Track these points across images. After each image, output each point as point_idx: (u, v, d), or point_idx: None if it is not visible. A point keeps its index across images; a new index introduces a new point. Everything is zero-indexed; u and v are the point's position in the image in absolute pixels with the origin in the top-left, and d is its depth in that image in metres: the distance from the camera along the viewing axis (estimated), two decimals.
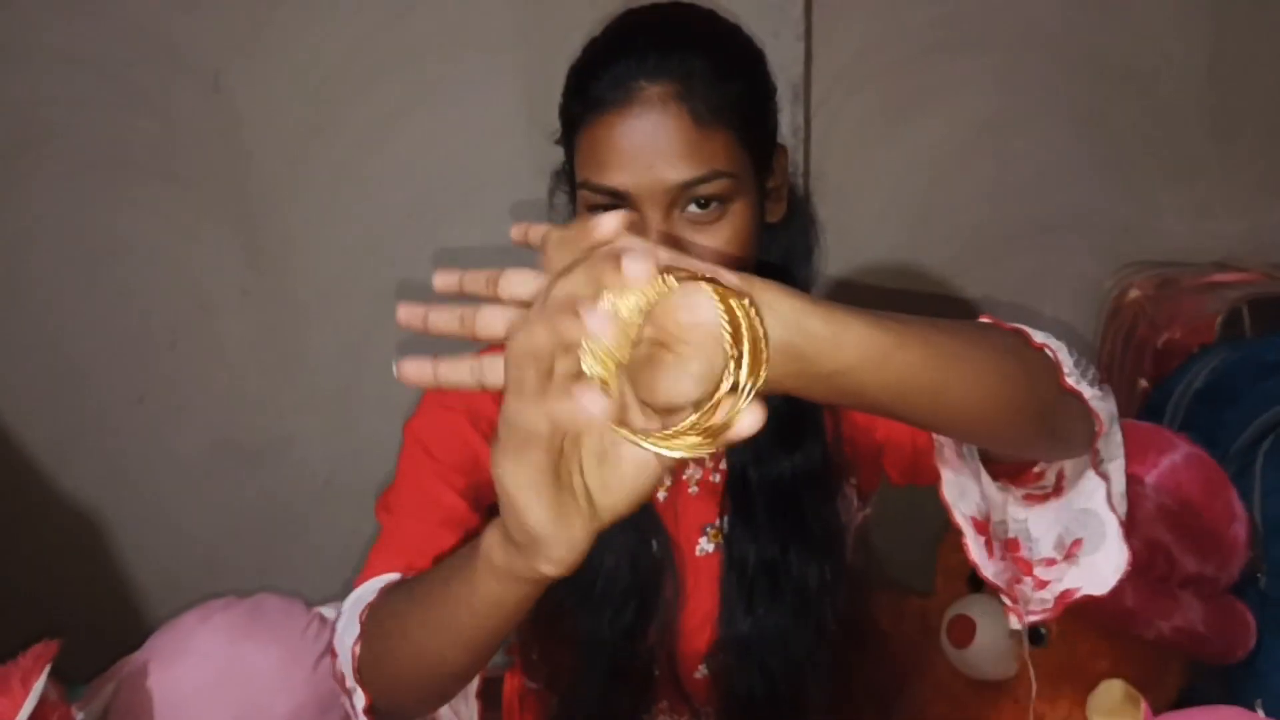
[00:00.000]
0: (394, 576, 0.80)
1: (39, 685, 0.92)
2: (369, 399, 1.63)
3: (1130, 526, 1.07)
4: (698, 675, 0.95)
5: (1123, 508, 0.82)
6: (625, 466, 0.52)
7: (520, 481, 0.52)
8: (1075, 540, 0.83)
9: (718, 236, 0.80)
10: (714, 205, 0.79)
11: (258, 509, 1.68)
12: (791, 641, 0.91)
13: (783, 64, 1.53)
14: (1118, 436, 0.81)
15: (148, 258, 1.58)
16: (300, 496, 1.68)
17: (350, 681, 0.75)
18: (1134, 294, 1.62)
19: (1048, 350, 0.72)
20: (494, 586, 0.59)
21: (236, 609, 1.10)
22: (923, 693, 1.30)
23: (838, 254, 1.54)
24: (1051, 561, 0.82)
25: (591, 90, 0.80)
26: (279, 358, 1.63)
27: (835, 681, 0.95)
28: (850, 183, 1.63)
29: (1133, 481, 1.13)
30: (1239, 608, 1.17)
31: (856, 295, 1.66)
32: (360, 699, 0.73)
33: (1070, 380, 0.72)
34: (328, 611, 1.12)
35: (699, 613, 0.93)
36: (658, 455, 0.50)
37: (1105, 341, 1.66)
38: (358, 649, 0.74)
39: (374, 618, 0.74)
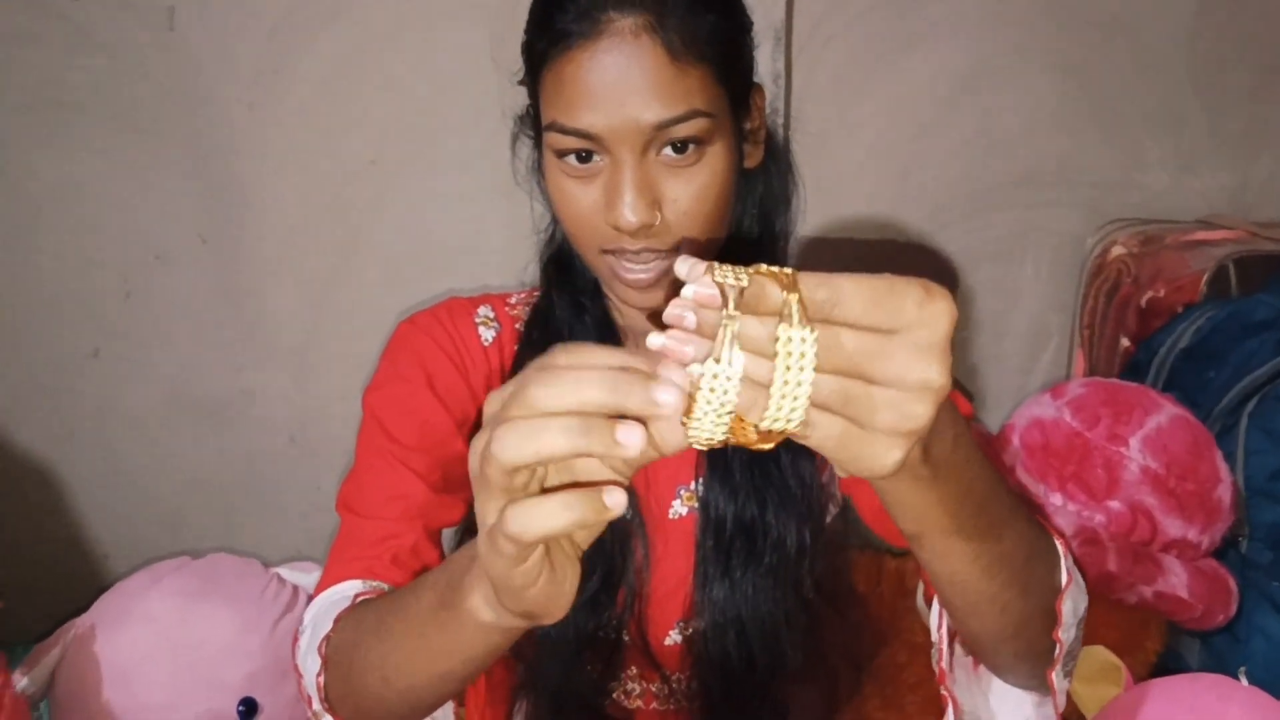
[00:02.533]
0: (353, 587, 0.78)
1: None
2: (331, 352, 1.58)
3: (1115, 487, 1.05)
4: (668, 642, 0.92)
5: None
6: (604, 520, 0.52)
7: (518, 581, 0.52)
8: None
9: (695, 180, 0.76)
10: (691, 147, 0.75)
11: (218, 466, 1.63)
12: (769, 605, 0.88)
13: (764, 6, 1.47)
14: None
15: (98, 204, 1.52)
16: (262, 453, 1.63)
17: (317, 706, 0.73)
18: (1117, 251, 1.59)
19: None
20: (483, 637, 0.59)
21: (189, 570, 1.06)
22: (899, 653, 1.27)
23: (817, 203, 1.50)
24: None
25: (557, 22, 0.74)
26: (238, 310, 1.57)
27: (811, 645, 0.92)
28: (831, 131, 1.58)
29: (1116, 442, 1.11)
30: (1221, 573, 1.15)
31: (835, 248, 1.62)
32: None
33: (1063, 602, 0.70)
34: (286, 572, 1.08)
35: (671, 577, 0.90)
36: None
37: (1088, 299, 1.63)
38: (322, 680, 0.71)
39: (339, 652, 0.71)
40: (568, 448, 0.46)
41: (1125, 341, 1.47)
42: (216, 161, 1.49)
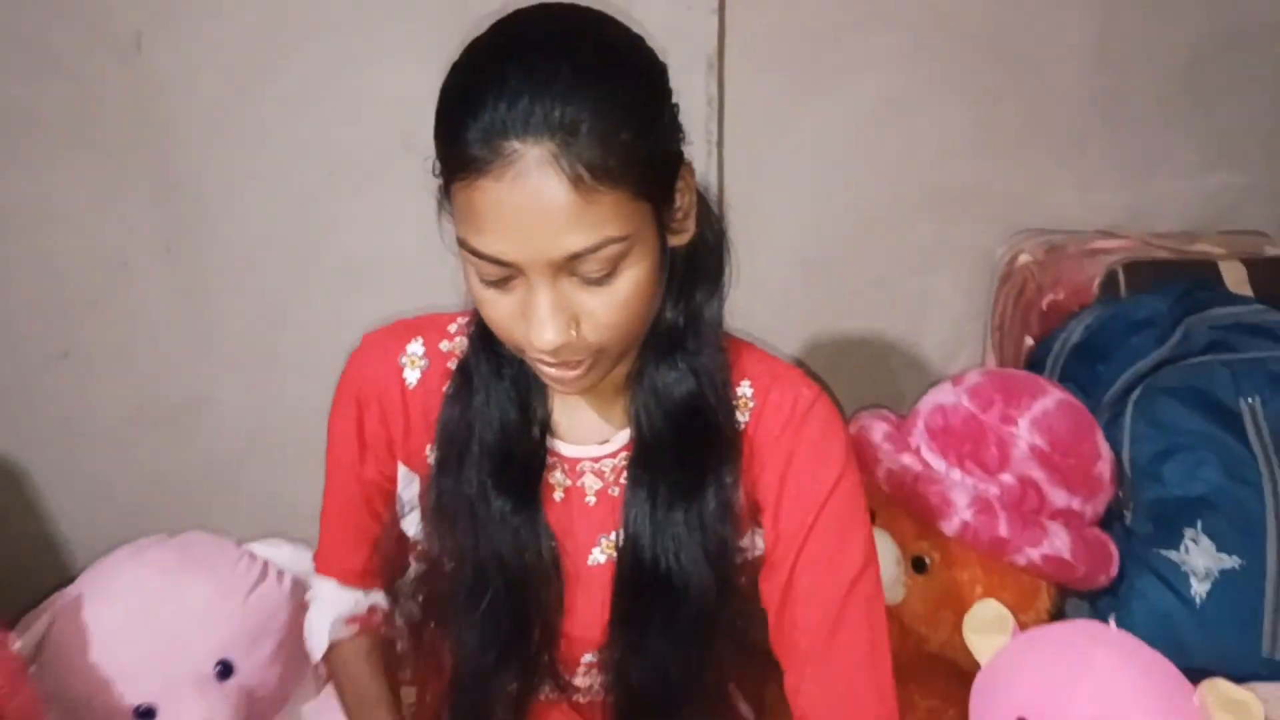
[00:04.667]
0: (342, 601, 1.02)
1: None
2: (290, 360, 1.67)
3: (1006, 463, 1.18)
4: (580, 672, 0.97)
5: None
6: None
7: None
8: None
9: (613, 296, 0.74)
10: (603, 264, 0.73)
11: (181, 467, 1.70)
12: (678, 646, 0.91)
13: (697, 37, 1.59)
14: None
15: (65, 221, 1.59)
16: (224, 455, 1.71)
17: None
18: (1023, 259, 1.73)
19: None
20: None
21: (167, 545, 1.14)
22: None
23: (747, 223, 1.63)
24: None
25: (462, 140, 0.71)
26: (200, 319, 1.65)
27: (715, 682, 0.97)
28: (761, 154, 1.70)
29: (1008, 423, 1.24)
30: (1102, 538, 1.28)
31: (769, 259, 1.74)
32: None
33: None
34: (257, 548, 1.17)
35: (588, 617, 0.93)
36: None
37: (998, 303, 1.77)
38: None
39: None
40: None
41: (1029, 340, 1.60)
42: (180, 176, 1.57)
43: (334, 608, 1.03)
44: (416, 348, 0.93)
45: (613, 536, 0.91)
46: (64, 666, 1.06)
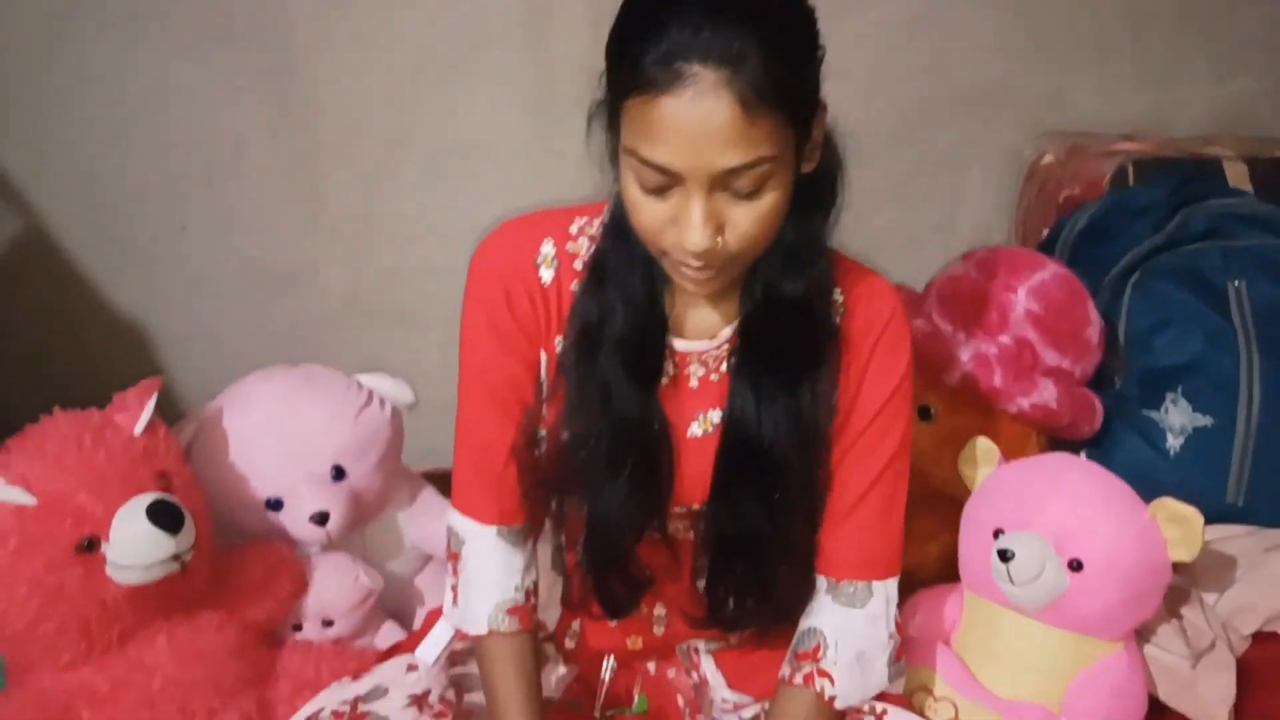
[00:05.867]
0: (488, 531, 1.06)
1: (152, 401, 1.19)
2: (384, 231, 1.88)
3: (1004, 325, 1.35)
4: (682, 530, 1.08)
5: None
6: None
7: None
8: None
9: (756, 211, 0.85)
10: (755, 184, 0.83)
11: (287, 326, 1.93)
12: (765, 507, 1.02)
13: None
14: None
15: (185, 104, 1.80)
16: (324, 319, 1.94)
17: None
18: (1048, 159, 1.87)
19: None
20: None
21: (291, 372, 1.37)
22: None
23: None
24: None
25: (640, 62, 0.80)
26: (304, 194, 1.87)
27: (799, 550, 1.07)
28: None
29: (1008, 290, 1.41)
30: (1088, 394, 1.45)
31: None
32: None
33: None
34: (364, 378, 1.39)
35: (695, 483, 1.04)
36: None
37: (1022, 200, 1.92)
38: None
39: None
40: None
41: (1045, 231, 1.76)
42: (290, 64, 1.77)
43: (496, 585, 1.05)
44: (548, 248, 1.02)
45: (710, 414, 1.03)
46: (209, 463, 1.30)
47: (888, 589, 1.06)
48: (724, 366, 1.03)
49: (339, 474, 1.32)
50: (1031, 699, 1.11)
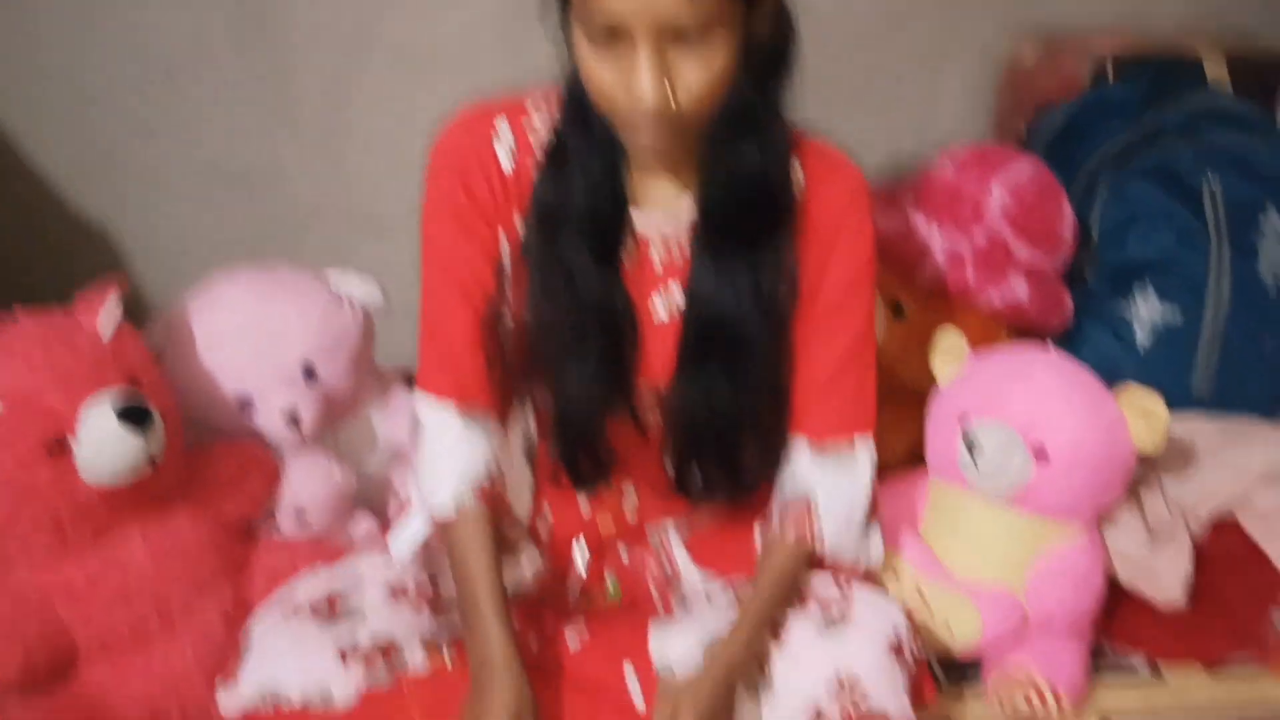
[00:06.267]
0: (452, 411, 1.06)
1: (115, 298, 1.18)
2: (352, 134, 1.85)
3: (979, 220, 1.35)
4: (651, 406, 1.10)
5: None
6: None
7: None
8: None
9: (705, 62, 0.87)
10: (704, 35, 0.85)
11: (252, 229, 1.90)
12: (729, 385, 1.05)
13: None
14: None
15: (146, 1, 1.75)
16: (292, 223, 1.91)
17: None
18: (1026, 55, 1.85)
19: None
20: None
21: (258, 272, 1.36)
22: None
23: None
24: None
25: None
26: (269, 94, 1.82)
27: (756, 423, 1.09)
28: None
29: (983, 184, 1.40)
30: (1059, 290, 1.46)
31: None
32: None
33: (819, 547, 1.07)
34: (332, 277, 1.37)
35: (660, 366, 1.07)
36: None
37: (1000, 99, 1.90)
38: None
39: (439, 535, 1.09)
40: None
41: (1022, 126, 1.75)
42: None
43: (461, 465, 1.05)
44: (504, 128, 1.04)
45: (674, 295, 1.06)
46: (179, 363, 1.29)
47: (869, 446, 1.09)
48: (686, 249, 1.05)
49: (309, 373, 1.31)
50: (995, 581, 1.13)
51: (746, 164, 0.99)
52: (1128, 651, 1.18)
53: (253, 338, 1.29)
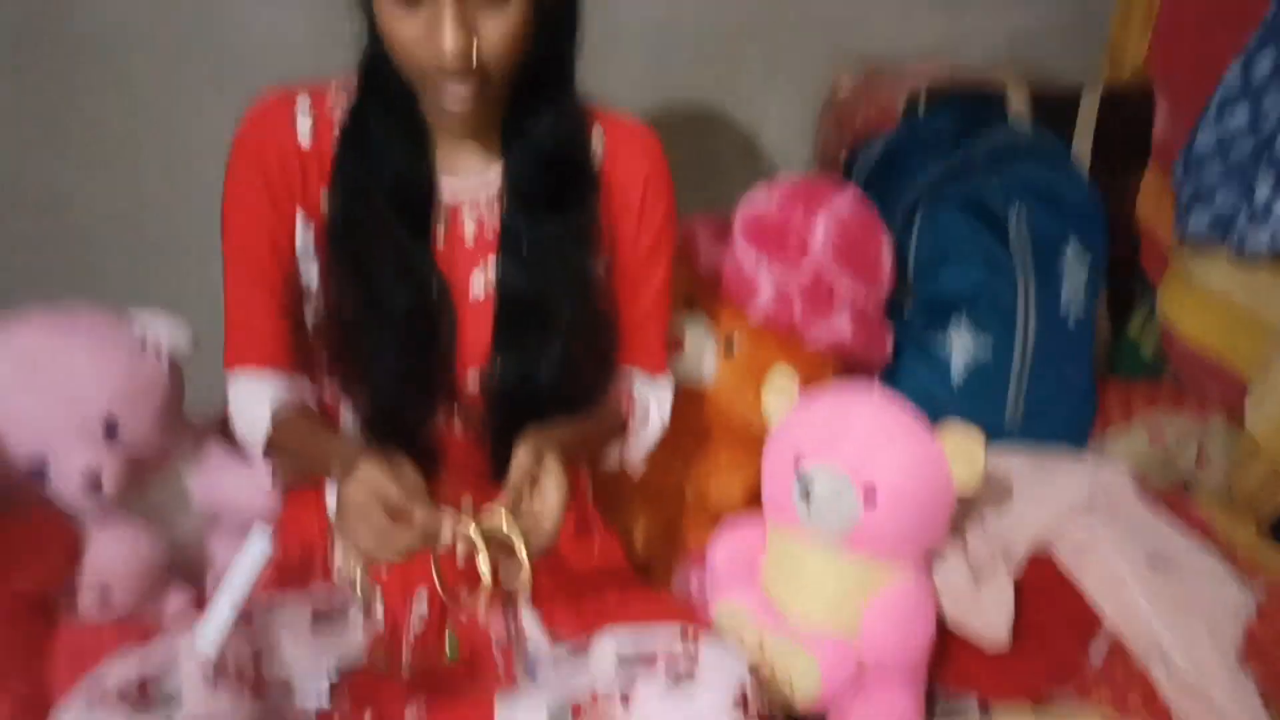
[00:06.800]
0: (266, 387, 1.11)
1: None
2: (150, 155, 1.73)
3: (804, 253, 1.37)
4: (469, 386, 1.14)
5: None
6: None
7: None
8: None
9: (504, 15, 0.94)
10: None
11: (46, 256, 1.76)
12: (547, 360, 1.10)
13: None
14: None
15: None
16: (89, 245, 1.77)
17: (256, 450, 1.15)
18: (845, 83, 1.90)
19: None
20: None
21: (51, 311, 1.24)
22: None
23: (595, 39, 1.72)
24: None
25: None
26: (59, 108, 1.68)
27: (576, 394, 1.15)
28: None
29: (808, 218, 1.42)
30: (881, 324, 1.50)
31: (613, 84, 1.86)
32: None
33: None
34: (136, 316, 1.27)
35: (476, 346, 1.11)
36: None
37: (822, 125, 1.95)
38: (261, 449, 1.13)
39: (271, 444, 1.11)
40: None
41: (844, 153, 1.79)
42: None
43: (269, 396, 1.10)
44: (304, 102, 1.07)
45: (489, 270, 1.09)
46: None
47: (670, 377, 1.27)
48: (497, 221, 1.10)
49: (111, 428, 1.21)
50: (833, 628, 1.16)
51: (547, 129, 1.06)
52: (959, 691, 1.23)
53: (45, 389, 1.18)
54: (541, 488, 0.97)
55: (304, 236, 1.10)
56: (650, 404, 1.24)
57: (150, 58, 1.67)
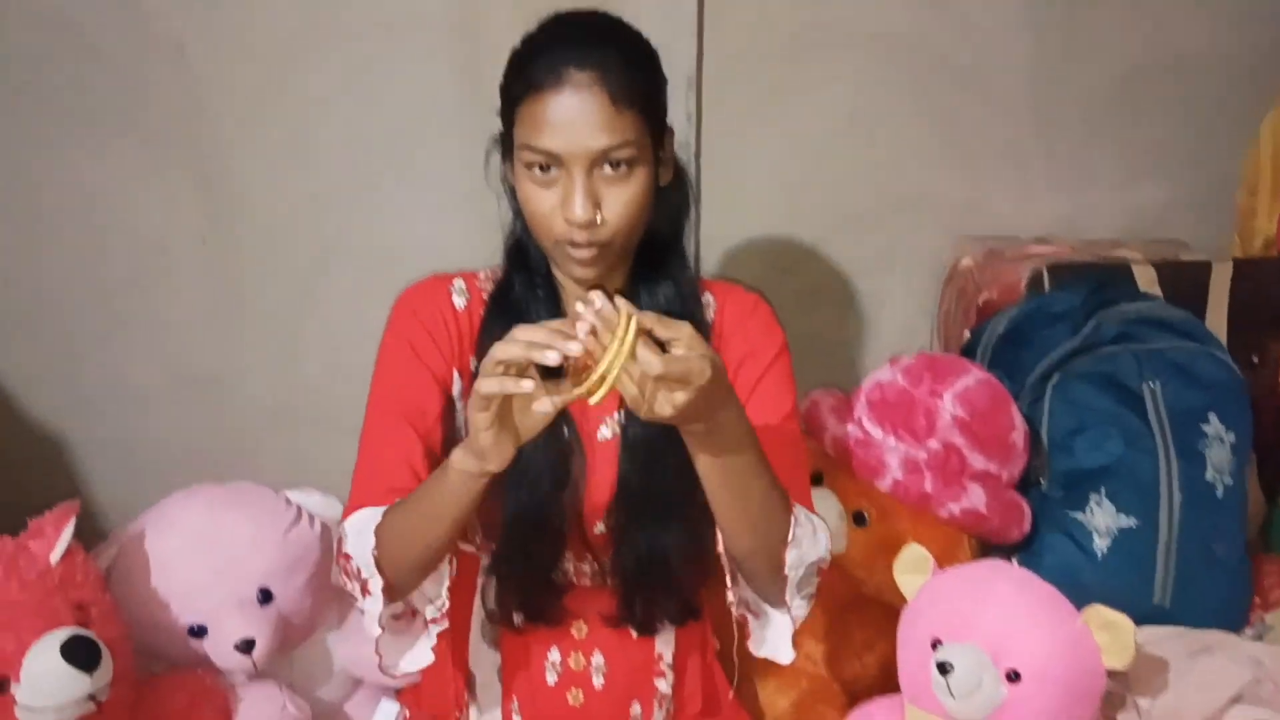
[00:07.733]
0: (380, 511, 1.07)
1: (69, 527, 1.14)
2: (312, 340, 1.86)
3: (932, 431, 1.37)
4: (597, 531, 1.17)
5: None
6: (535, 416, 0.92)
7: (481, 420, 0.90)
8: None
9: (626, 191, 1.04)
10: (623, 166, 1.03)
11: (209, 436, 1.88)
12: (672, 502, 1.12)
13: (678, 59, 1.78)
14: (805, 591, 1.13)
15: (110, 206, 1.78)
16: (248, 425, 1.90)
17: (367, 573, 1.05)
18: (966, 262, 1.93)
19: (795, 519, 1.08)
20: (459, 482, 0.96)
21: (217, 489, 1.33)
22: None
23: (723, 224, 1.82)
24: None
25: (531, 73, 1.02)
26: (231, 299, 1.84)
27: (704, 542, 1.13)
28: (735, 162, 1.89)
29: (935, 396, 1.44)
30: (1016, 498, 1.48)
31: (736, 259, 1.94)
32: (378, 583, 1.04)
33: (789, 551, 1.07)
34: (294, 494, 1.35)
35: (603, 484, 1.15)
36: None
37: (942, 302, 1.97)
38: (375, 552, 1.04)
39: (385, 523, 1.05)
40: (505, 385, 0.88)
41: (966, 333, 1.80)
42: (217, 168, 1.76)
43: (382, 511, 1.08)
44: (459, 283, 1.19)
45: (615, 416, 1.16)
46: (129, 588, 1.25)
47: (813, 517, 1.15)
48: None
49: (266, 597, 1.28)
50: None
51: (662, 293, 1.15)
52: None
53: (207, 560, 1.26)
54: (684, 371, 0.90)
55: (458, 385, 1.17)
56: (807, 525, 1.12)
57: (311, 250, 1.82)
